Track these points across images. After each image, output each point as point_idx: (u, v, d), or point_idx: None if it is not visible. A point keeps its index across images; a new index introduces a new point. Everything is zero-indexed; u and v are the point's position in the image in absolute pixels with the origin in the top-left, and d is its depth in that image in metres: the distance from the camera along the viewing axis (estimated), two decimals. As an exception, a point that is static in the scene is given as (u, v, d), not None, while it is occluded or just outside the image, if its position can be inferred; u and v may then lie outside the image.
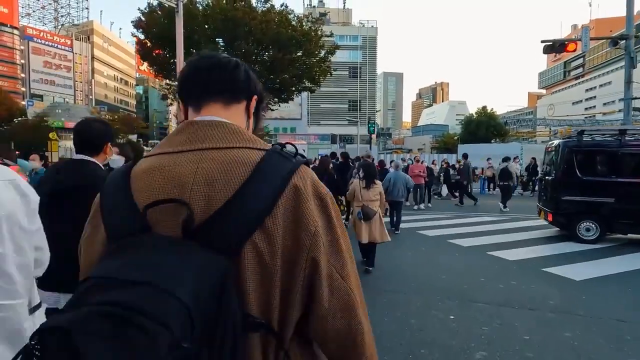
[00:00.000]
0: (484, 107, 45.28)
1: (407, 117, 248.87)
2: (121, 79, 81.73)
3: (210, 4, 21.79)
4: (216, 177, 0.65)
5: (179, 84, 0.83)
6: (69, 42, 69.19)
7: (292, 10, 23.83)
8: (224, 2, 21.38)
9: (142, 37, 24.84)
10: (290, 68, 23.67)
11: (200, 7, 21.88)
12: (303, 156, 0.75)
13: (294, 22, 23.09)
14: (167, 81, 29.61)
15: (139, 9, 22.94)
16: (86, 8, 77.28)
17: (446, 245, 7.05)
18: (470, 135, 40.61)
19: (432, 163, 12.50)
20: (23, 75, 62.89)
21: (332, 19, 62.33)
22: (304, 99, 54.70)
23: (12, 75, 61.19)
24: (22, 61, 62.73)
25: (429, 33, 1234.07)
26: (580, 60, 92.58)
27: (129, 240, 0.62)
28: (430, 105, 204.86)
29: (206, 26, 21.83)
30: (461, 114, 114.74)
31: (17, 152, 16.28)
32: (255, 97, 0.86)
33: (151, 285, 0.51)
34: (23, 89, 62.08)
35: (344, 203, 5.72)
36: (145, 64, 27.34)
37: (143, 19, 23.34)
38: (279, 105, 29.61)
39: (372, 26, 64.59)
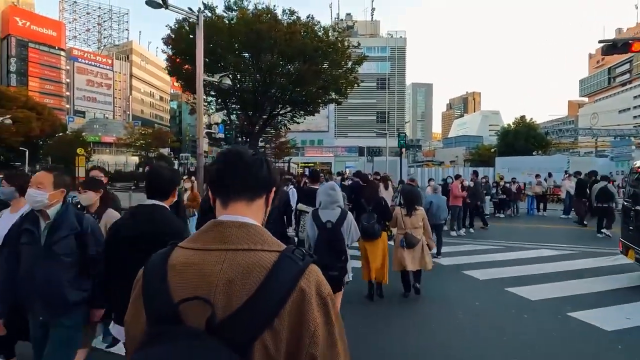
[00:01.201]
0: (522, 117, 42.55)
1: (437, 128, 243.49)
2: (157, 95, 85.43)
3: (236, 17, 21.68)
4: (236, 279, 0.78)
5: (210, 175, 0.94)
6: (110, 61, 73.34)
7: (318, 22, 23.34)
8: (249, 15, 21.21)
9: (171, 53, 25.23)
10: (316, 80, 23.08)
11: (227, 21, 21.83)
12: (311, 256, 0.84)
13: (320, 33, 22.55)
14: (195, 96, 30.04)
15: (167, 26, 23.26)
16: (126, 29, 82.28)
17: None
18: (507, 146, 38.09)
19: (472, 179, 10.91)
20: (68, 93, 66.99)
21: (359, 31, 62.02)
22: (331, 111, 54.22)
23: (58, 93, 65.30)
24: (68, 80, 66.92)
25: (460, 42, 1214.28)
26: (627, 66, 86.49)
27: (164, 330, 0.76)
28: (461, 116, 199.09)
29: (232, 40, 21.74)
30: (495, 125, 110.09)
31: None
32: (274, 188, 0.96)
33: None
34: (67, 106, 66.02)
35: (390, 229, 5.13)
36: (171, 78, 27.69)
37: (172, 35, 23.65)
38: (304, 118, 29.07)
39: (401, 37, 63.59)
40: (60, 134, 39.16)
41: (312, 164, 52.21)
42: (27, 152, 34.65)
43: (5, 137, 36.20)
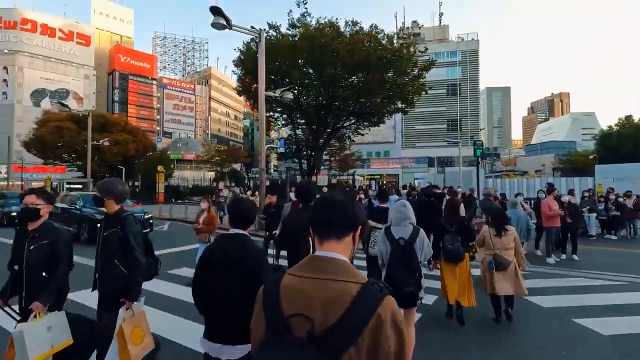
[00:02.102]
0: (628, 117, 36.19)
1: (517, 134, 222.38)
2: (232, 114, 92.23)
3: (299, 34, 22.05)
4: (329, 302, 1.00)
5: (312, 215, 1.19)
6: (192, 86, 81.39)
7: (382, 30, 22.66)
8: (312, 30, 21.40)
9: (240, 73, 26.62)
10: (381, 89, 22.32)
11: (290, 38, 22.33)
12: (387, 287, 1.04)
13: (383, 42, 21.84)
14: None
15: (235, 49, 24.54)
16: (206, 57, 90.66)
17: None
18: (609, 152, 32.57)
19: (570, 193, 8.94)
20: (158, 117, 75.65)
21: (426, 37, 59.74)
22: (398, 121, 52.55)
23: (150, 117, 74.10)
24: (158, 105, 75.67)
25: (540, 41, 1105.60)
26: None
27: (277, 337, 1.01)
28: (546, 120, 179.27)
29: (295, 56, 22.13)
30: (590, 128, 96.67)
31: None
32: (359, 226, 1.19)
33: None
34: (158, 128, 74.44)
35: (474, 249, 4.66)
36: (242, 97, 29.17)
37: (242, 57, 24.95)
38: (369, 129, 28.33)
39: (473, 39, 59.66)
40: (150, 153, 43.92)
41: (378, 176, 50.81)
42: (123, 170, 39.37)
43: (108, 157, 41.71)
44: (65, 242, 2.75)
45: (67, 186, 39.01)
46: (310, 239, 2.94)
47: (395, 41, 22.52)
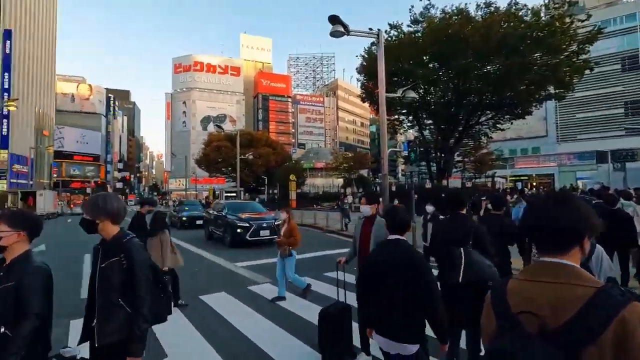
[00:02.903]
0: None
1: None
2: (358, 122, 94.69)
3: (422, 28, 20.70)
4: (559, 304, 1.02)
5: (524, 224, 1.17)
6: (321, 99, 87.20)
7: (524, 6, 19.27)
8: (436, 22, 19.79)
9: (363, 80, 26.74)
10: (524, 75, 18.94)
11: (413, 35, 21.19)
12: (631, 293, 0.99)
13: (526, 18, 18.50)
14: (387, 117, 30.64)
15: (357, 56, 24.71)
16: (333, 70, 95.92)
17: None
18: None
19: None
20: (293, 130, 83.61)
21: (587, 4, 48.47)
22: (550, 111, 44.02)
23: (286, 131, 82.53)
24: (293, 120, 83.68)
25: None
26: None
27: (509, 330, 1.07)
28: None
29: (419, 52, 20.86)
30: None
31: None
32: (586, 236, 1.11)
33: None
34: (293, 140, 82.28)
35: None
36: (367, 104, 29.20)
37: (364, 63, 25.05)
38: (511, 123, 24.39)
39: (662, -7, 45.27)
40: (287, 163, 48.71)
41: (525, 177, 43.44)
42: (266, 179, 44.68)
43: (254, 169, 48.21)
44: (31, 285, 1.84)
45: (225, 194, 46.58)
46: (462, 250, 2.63)
47: (542, 15, 18.81)
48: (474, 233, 2.79)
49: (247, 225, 10.07)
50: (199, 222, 14.61)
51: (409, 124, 29.51)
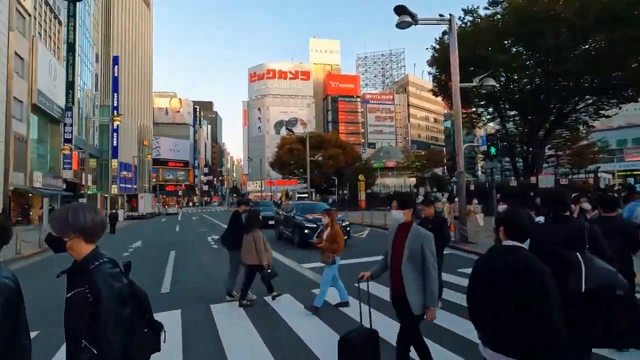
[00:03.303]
0: None
1: None
2: (431, 118, 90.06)
3: (502, 9, 18.71)
4: None
5: None
6: (391, 97, 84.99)
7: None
8: (520, 0, 17.68)
9: (435, 73, 25.22)
10: (635, 50, 15.85)
11: (491, 18, 19.25)
12: None
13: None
14: (463, 110, 28.39)
15: (427, 49, 23.38)
16: (403, 66, 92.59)
17: None
18: None
19: None
20: (362, 130, 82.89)
21: None
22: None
23: (356, 131, 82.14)
24: (362, 120, 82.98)
25: None
26: None
27: None
28: None
29: (499, 37, 18.88)
30: None
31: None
32: None
33: None
34: (362, 140, 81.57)
35: None
36: (440, 98, 27.46)
37: (435, 54, 23.61)
38: (619, 108, 20.65)
39: None
40: (357, 164, 48.36)
41: (638, 172, 36.57)
42: (336, 180, 44.91)
43: (325, 170, 48.86)
44: None
45: (298, 195, 48.06)
46: (580, 255, 2.24)
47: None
48: (589, 236, 2.46)
49: (314, 226, 10.03)
50: (271, 222, 15.16)
51: (488, 117, 26.98)
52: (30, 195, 25.16)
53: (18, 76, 22.94)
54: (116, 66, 51.14)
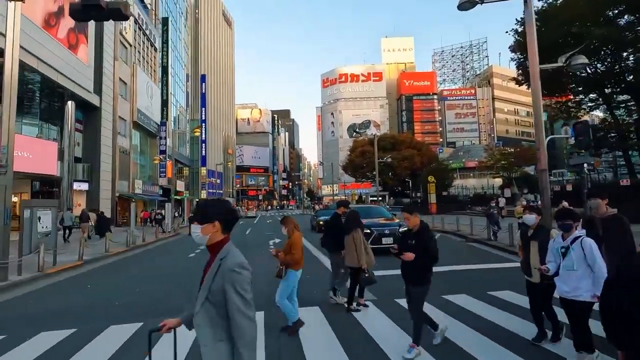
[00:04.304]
0: None
1: None
2: (522, 111, 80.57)
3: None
4: None
5: None
6: (472, 91, 78.42)
7: None
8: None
9: (520, 59, 22.45)
10: None
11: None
12: None
13: None
14: (555, 99, 24.60)
15: (508, 32, 20.83)
16: (486, 56, 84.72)
17: None
18: None
19: None
20: (441, 129, 78.00)
21: None
22: None
23: (433, 130, 77.65)
24: (440, 118, 78.15)
25: None
26: None
27: None
28: None
29: (596, 7, 15.82)
30: None
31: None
32: None
33: None
34: (441, 139, 76.74)
35: None
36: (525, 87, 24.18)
37: (519, 38, 20.96)
38: None
39: None
40: (433, 164, 45.50)
41: None
42: (410, 182, 42.83)
43: (399, 172, 47.03)
44: None
45: (371, 198, 47.07)
46: None
47: None
48: None
49: (368, 231, 9.39)
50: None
51: (590, 104, 22.88)
52: (133, 200, 29.12)
53: (122, 98, 26.78)
54: (203, 83, 56.68)
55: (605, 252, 3.49)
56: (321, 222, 17.86)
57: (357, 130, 41.90)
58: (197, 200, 48.04)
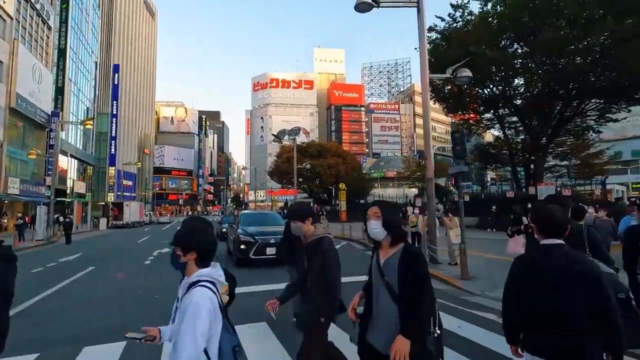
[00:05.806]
0: None
1: None
2: (440, 128, 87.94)
3: (494, 2, 17.20)
4: None
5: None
6: (396, 106, 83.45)
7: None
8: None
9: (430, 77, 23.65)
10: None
11: (484, 13, 17.72)
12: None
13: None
14: (459, 117, 26.61)
15: (416, 48, 21.87)
16: (409, 75, 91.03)
17: None
18: None
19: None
20: (367, 140, 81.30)
21: None
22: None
23: (360, 141, 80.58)
24: (366, 129, 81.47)
25: None
26: None
27: None
28: None
29: (492, 33, 17.31)
30: None
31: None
32: None
33: None
34: (367, 150, 79.92)
35: None
36: (437, 104, 25.74)
37: (432, 59, 22.11)
38: (628, 111, 18.67)
39: None
40: (356, 173, 46.72)
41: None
42: (333, 190, 43.30)
43: (324, 179, 47.37)
44: None
45: (295, 206, 46.46)
46: None
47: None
48: (588, 238, 2.70)
49: (252, 241, 8.48)
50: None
51: (487, 123, 25.21)
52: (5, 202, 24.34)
53: (-7, 79, 22.34)
54: (116, 74, 51.14)
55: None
56: (223, 230, 16.17)
57: (279, 136, 41.10)
58: (104, 203, 42.65)
